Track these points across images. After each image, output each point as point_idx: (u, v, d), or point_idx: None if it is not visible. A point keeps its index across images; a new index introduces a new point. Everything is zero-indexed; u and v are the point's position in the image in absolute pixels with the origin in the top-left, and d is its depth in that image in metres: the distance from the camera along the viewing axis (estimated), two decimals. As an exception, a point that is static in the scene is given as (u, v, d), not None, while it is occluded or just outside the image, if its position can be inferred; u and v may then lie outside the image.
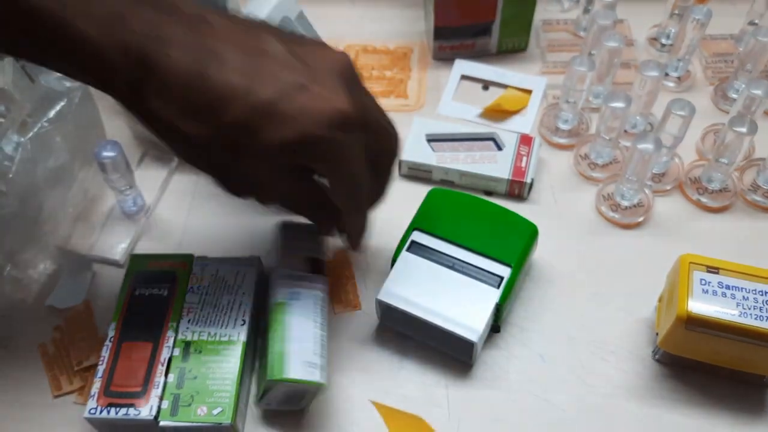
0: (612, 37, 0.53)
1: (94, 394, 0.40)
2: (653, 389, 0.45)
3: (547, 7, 0.68)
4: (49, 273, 0.50)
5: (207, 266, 0.46)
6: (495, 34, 0.61)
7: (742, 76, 0.58)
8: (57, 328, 0.48)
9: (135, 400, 0.40)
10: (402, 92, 0.62)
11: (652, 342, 0.47)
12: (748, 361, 0.43)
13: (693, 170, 0.55)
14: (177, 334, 0.43)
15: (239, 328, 0.43)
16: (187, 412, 0.40)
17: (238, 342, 0.42)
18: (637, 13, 0.66)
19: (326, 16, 0.66)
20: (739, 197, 0.54)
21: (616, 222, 0.53)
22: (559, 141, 0.57)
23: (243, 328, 0.43)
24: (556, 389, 0.45)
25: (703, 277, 0.42)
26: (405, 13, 0.68)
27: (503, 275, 0.45)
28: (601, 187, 0.54)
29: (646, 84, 0.52)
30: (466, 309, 0.44)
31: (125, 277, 0.45)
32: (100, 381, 0.41)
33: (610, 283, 0.50)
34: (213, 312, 0.43)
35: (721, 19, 0.64)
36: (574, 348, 0.47)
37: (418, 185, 0.56)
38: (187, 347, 0.42)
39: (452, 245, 0.46)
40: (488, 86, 0.62)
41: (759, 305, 0.41)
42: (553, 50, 0.64)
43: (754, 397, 0.45)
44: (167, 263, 0.46)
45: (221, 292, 0.44)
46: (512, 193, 0.54)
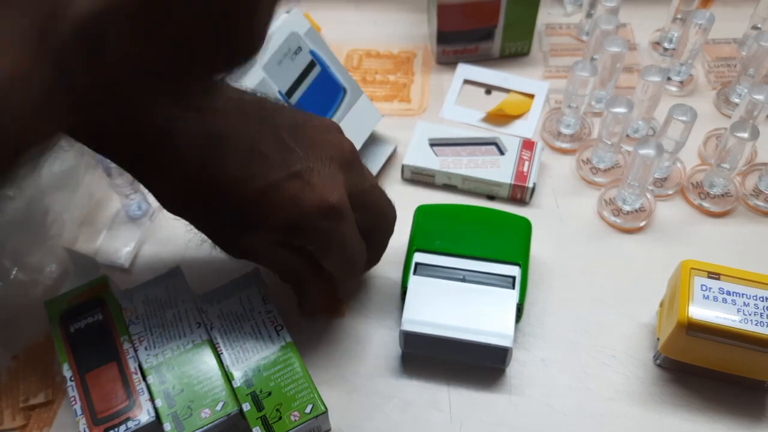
0: (614, 41, 0.54)
1: (84, 430, 0.40)
2: (654, 394, 0.45)
3: (550, 12, 0.68)
4: (55, 276, 0.50)
5: (133, 295, 0.46)
6: (498, 38, 0.62)
7: (744, 80, 0.58)
8: (15, 357, 0.47)
9: (128, 413, 0.40)
10: (405, 96, 0.63)
11: (653, 347, 0.47)
12: (749, 366, 0.43)
13: (695, 175, 0.55)
14: (137, 354, 0.43)
15: (197, 330, 0.44)
16: (192, 422, 0.40)
17: (203, 342, 0.43)
18: (640, 17, 0.66)
19: (330, 21, 0.67)
20: (741, 202, 0.54)
21: (618, 227, 0.53)
22: (561, 145, 0.57)
23: (201, 329, 0.44)
24: (558, 393, 0.45)
25: (704, 283, 0.42)
26: (408, 17, 0.68)
27: (515, 275, 0.46)
28: (603, 191, 0.54)
29: (648, 89, 0.52)
30: (490, 317, 0.44)
31: (51, 323, 0.45)
32: (83, 417, 0.41)
33: (611, 287, 0.50)
34: (164, 330, 0.44)
35: (724, 24, 0.64)
36: (575, 352, 0.47)
37: (421, 189, 0.56)
38: (159, 369, 0.42)
39: (456, 258, 0.47)
40: (491, 90, 0.62)
41: (760, 311, 0.41)
42: (556, 54, 0.64)
43: (755, 402, 0.45)
44: (85, 293, 0.46)
45: (162, 311, 0.45)
46: (514, 197, 0.54)
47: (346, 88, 0.53)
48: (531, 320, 0.48)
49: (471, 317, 0.44)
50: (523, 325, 0.48)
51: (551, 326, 0.48)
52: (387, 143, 0.58)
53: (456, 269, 0.46)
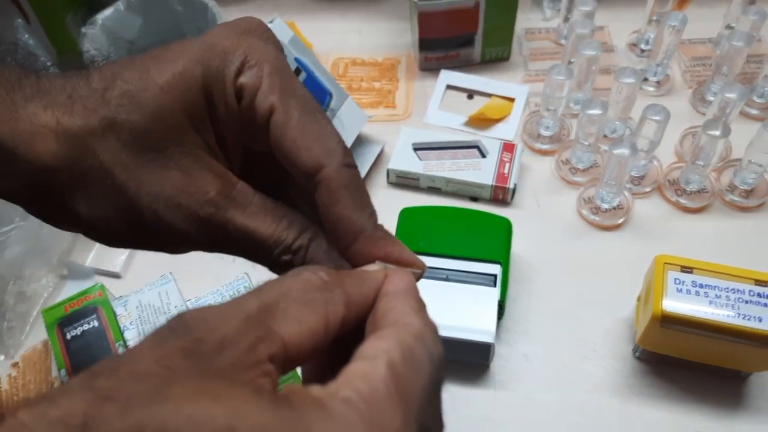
0: (589, 45, 0.55)
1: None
2: (634, 385, 0.47)
3: (529, 16, 0.69)
4: (51, 286, 0.52)
5: (128, 302, 0.47)
6: (478, 44, 0.63)
7: (718, 79, 0.60)
8: (14, 364, 0.49)
9: None
10: (390, 102, 0.64)
11: (632, 340, 0.49)
12: (724, 356, 0.45)
13: (671, 172, 0.57)
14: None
15: None
16: None
17: None
18: (617, 19, 0.68)
19: (316, 31, 0.69)
20: (717, 197, 0.56)
21: (597, 224, 0.54)
22: (541, 147, 0.59)
23: None
24: (541, 388, 0.47)
25: (678, 277, 0.44)
26: (392, 26, 0.70)
27: (496, 273, 0.47)
28: (582, 190, 0.56)
29: (622, 90, 0.54)
30: (472, 314, 0.45)
31: (49, 330, 0.46)
32: None
33: (591, 283, 0.51)
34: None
35: (700, 24, 0.66)
36: (557, 347, 0.49)
37: (406, 193, 0.57)
38: None
39: (439, 258, 0.48)
40: (473, 95, 0.64)
41: (731, 303, 0.42)
42: (535, 58, 0.66)
43: (731, 391, 0.46)
44: (82, 299, 0.47)
45: (156, 316, 0.47)
46: (496, 198, 0.56)
47: (332, 93, 0.55)
48: (513, 317, 0.50)
49: (454, 315, 0.45)
50: (506, 322, 0.50)
51: (533, 322, 0.50)
52: (374, 144, 0.59)
53: (439, 269, 0.48)
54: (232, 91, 0.27)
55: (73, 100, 0.27)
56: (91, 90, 0.27)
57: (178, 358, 0.19)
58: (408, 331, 0.23)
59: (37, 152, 0.26)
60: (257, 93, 0.27)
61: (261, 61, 0.27)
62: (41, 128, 0.26)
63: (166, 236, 0.28)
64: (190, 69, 0.27)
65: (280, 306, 0.22)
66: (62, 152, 0.26)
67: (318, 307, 0.22)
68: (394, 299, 0.25)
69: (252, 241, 0.28)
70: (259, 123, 0.27)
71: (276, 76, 0.27)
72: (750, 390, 0.46)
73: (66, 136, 0.26)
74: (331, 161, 0.26)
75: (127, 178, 0.27)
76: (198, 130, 0.28)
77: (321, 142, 0.26)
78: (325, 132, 0.27)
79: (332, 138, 0.27)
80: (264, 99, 0.27)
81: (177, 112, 0.27)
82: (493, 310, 0.46)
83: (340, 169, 0.26)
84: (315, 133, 0.26)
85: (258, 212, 0.28)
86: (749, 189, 0.55)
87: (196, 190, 0.27)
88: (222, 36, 0.28)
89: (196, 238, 0.28)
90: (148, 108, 0.27)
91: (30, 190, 0.28)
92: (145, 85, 0.27)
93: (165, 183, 0.27)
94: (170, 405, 0.17)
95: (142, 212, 0.27)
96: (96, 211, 0.28)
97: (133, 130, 0.27)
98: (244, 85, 0.27)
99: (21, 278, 0.50)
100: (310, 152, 0.26)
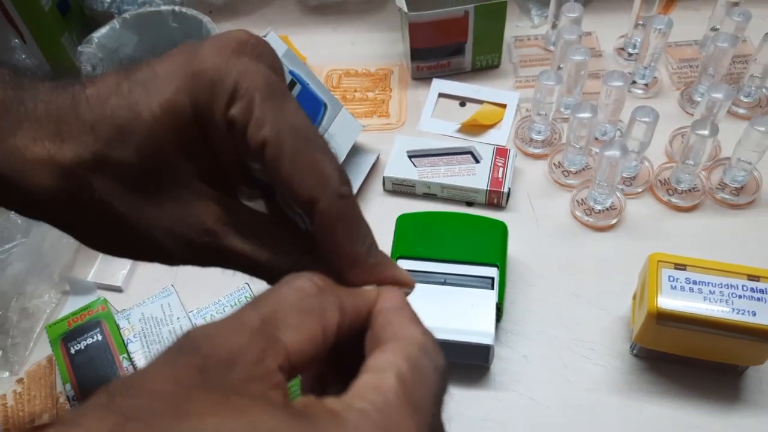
0: (577, 50, 0.56)
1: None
2: (632, 383, 0.47)
3: (518, 24, 0.71)
4: (54, 301, 0.52)
5: (130, 315, 0.48)
6: (468, 53, 0.65)
7: (705, 80, 0.61)
8: (19, 380, 0.49)
9: None
10: (384, 111, 0.65)
11: (629, 338, 0.49)
12: (719, 351, 0.45)
13: (662, 172, 0.58)
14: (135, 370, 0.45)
15: None
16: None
17: None
18: (604, 25, 0.69)
19: (310, 44, 0.70)
20: (708, 196, 0.57)
21: (591, 225, 0.55)
22: (533, 151, 0.60)
23: None
24: (540, 387, 0.48)
25: (671, 274, 0.44)
26: (384, 36, 0.71)
27: (493, 276, 0.48)
28: (575, 192, 0.57)
29: (611, 93, 0.55)
30: (471, 317, 0.46)
31: (53, 345, 0.47)
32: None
33: (587, 283, 0.52)
34: (161, 347, 0.45)
35: (686, 27, 0.67)
36: (555, 347, 0.49)
37: (402, 199, 0.58)
38: None
39: (437, 262, 0.49)
40: (465, 102, 0.65)
41: (725, 298, 0.43)
42: (525, 65, 0.67)
43: (728, 386, 0.47)
44: (85, 314, 0.48)
45: (158, 328, 0.47)
46: (491, 202, 0.57)
47: (327, 104, 0.56)
48: (512, 318, 0.51)
49: (453, 318, 0.46)
50: (505, 324, 0.50)
51: (531, 323, 0.50)
52: (369, 153, 0.60)
53: (437, 273, 0.48)
54: (224, 123, 0.27)
55: (61, 131, 0.26)
56: (79, 121, 0.26)
57: (191, 376, 0.20)
58: (411, 342, 0.23)
59: (33, 184, 0.26)
60: (248, 126, 0.26)
61: (251, 90, 0.26)
62: (35, 162, 0.26)
63: (165, 255, 0.29)
64: (179, 101, 0.26)
65: (279, 315, 0.22)
66: (58, 185, 0.26)
67: (314, 313, 0.23)
68: (391, 314, 0.25)
69: (249, 264, 0.28)
70: (253, 154, 0.26)
71: (267, 106, 0.26)
72: (746, 384, 0.47)
73: (61, 170, 0.26)
74: (324, 194, 0.26)
75: (125, 209, 0.27)
76: (192, 159, 0.27)
77: (314, 174, 0.26)
78: (319, 161, 0.26)
79: (327, 167, 0.26)
80: (255, 132, 0.26)
81: (169, 146, 0.27)
82: (492, 312, 0.46)
83: (335, 201, 0.26)
84: (307, 165, 0.26)
85: (256, 238, 0.28)
86: (739, 187, 0.56)
87: (193, 221, 0.27)
88: (210, 59, 0.27)
89: (194, 260, 0.29)
90: (141, 145, 0.26)
91: (32, 211, 0.28)
92: (135, 119, 0.26)
93: (162, 214, 0.27)
94: (191, 421, 0.18)
95: (142, 237, 0.28)
96: (96, 233, 0.29)
97: (127, 166, 0.26)
98: (234, 118, 0.26)
99: (23, 295, 0.51)
100: (303, 186, 0.26)
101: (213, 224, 0.28)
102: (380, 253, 0.28)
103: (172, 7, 0.62)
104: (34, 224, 0.50)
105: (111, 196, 0.27)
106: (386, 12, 0.74)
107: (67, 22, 0.66)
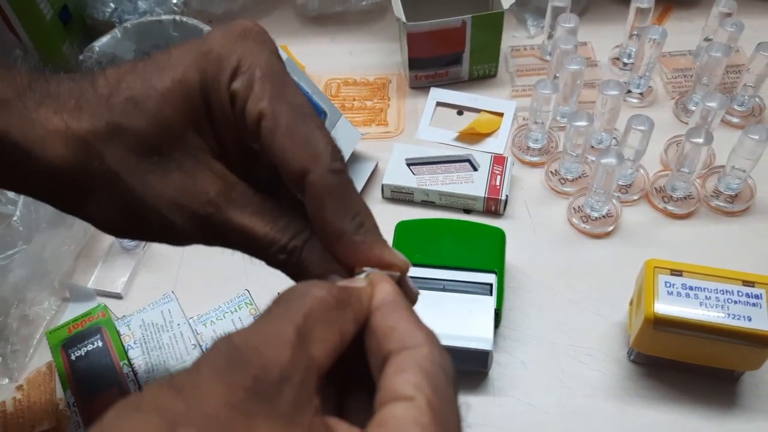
0: (574, 60, 0.57)
1: None
2: (630, 388, 0.48)
3: (514, 34, 0.72)
4: (54, 308, 0.52)
5: (131, 321, 0.48)
6: (466, 62, 0.65)
7: (699, 89, 0.62)
8: (19, 387, 0.49)
9: None
10: (382, 120, 0.66)
11: (626, 343, 0.50)
12: (716, 356, 0.46)
13: (658, 180, 0.58)
14: (137, 377, 0.45)
15: (193, 351, 0.46)
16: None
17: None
18: (600, 35, 0.70)
19: (308, 54, 0.70)
20: (703, 203, 0.57)
21: (588, 232, 0.56)
22: (530, 159, 0.61)
23: (196, 350, 0.46)
24: (538, 393, 0.48)
25: (668, 280, 0.45)
26: (382, 46, 0.72)
27: (492, 282, 0.48)
28: (572, 200, 0.57)
29: (607, 102, 0.56)
30: (470, 323, 0.46)
31: (53, 352, 0.47)
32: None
33: (584, 290, 0.53)
34: (162, 353, 0.46)
35: (680, 37, 0.68)
36: (553, 353, 0.50)
37: (401, 207, 0.59)
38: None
39: (435, 269, 0.49)
40: (462, 111, 0.66)
41: (721, 303, 0.44)
42: (521, 74, 0.68)
43: (725, 391, 0.47)
44: (85, 320, 0.48)
45: (159, 334, 0.47)
46: (489, 209, 0.57)
47: (326, 111, 0.57)
48: (510, 324, 0.51)
49: (452, 324, 0.46)
50: (503, 330, 0.51)
51: (529, 329, 0.51)
52: (368, 160, 0.61)
53: (436, 279, 0.49)
54: (227, 96, 0.28)
55: (80, 105, 0.28)
56: (97, 95, 0.28)
57: (245, 399, 0.20)
58: (424, 356, 0.24)
59: (49, 155, 0.28)
60: (248, 99, 0.27)
61: (253, 66, 0.28)
62: (52, 132, 0.28)
63: (169, 232, 0.30)
64: (188, 76, 0.28)
65: (309, 327, 0.22)
66: (72, 155, 0.28)
67: (336, 326, 0.23)
68: (390, 316, 0.25)
69: (249, 239, 0.29)
70: (251, 128, 0.28)
71: (267, 81, 0.28)
72: (743, 389, 0.47)
73: (75, 140, 0.28)
74: (316, 167, 0.26)
75: (133, 180, 0.28)
76: (199, 133, 0.29)
77: (307, 147, 0.27)
78: (313, 136, 0.27)
79: (320, 142, 0.27)
80: (254, 105, 0.27)
81: (178, 118, 0.28)
82: (490, 318, 0.47)
83: (325, 175, 0.27)
84: (302, 138, 0.27)
85: (256, 213, 0.29)
86: (734, 194, 0.57)
87: (197, 191, 0.28)
88: (217, 40, 0.29)
89: (197, 235, 0.30)
90: (151, 114, 0.28)
91: (47, 188, 0.30)
92: (147, 92, 0.28)
93: (167, 184, 0.28)
94: None
95: (147, 211, 0.29)
96: (104, 209, 0.30)
97: (137, 134, 0.28)
98: (236, 91, 0.28)
99: (24, 302, 0.51)
100: (295, 158, 0.27)
101: (215, 196, 0.29)
102: (372, 233, 0.28)
103: (172, 17, 0.63)
104: (36, 232, 0.50)
105: (119, 165, 0.28)
106: (384, 22, 0.75)
107: (69, 32, 0.67)
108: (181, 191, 0.28)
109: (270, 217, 0.29)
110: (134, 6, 0.66)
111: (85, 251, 0.56)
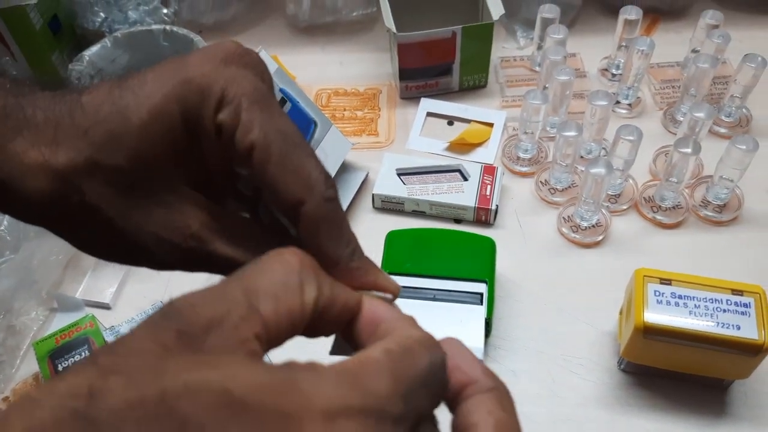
0: (563, 71, 0.58)
1: None
2: (620, 397, 0.48)
3: (504, 45, 0.72)
4: (42, 319, 0.52)
5: (119, 332, 0.48)
6: (456, 73, 0.66)
7: (687, 100, 0.63)
8: (5, 398, 0.49)
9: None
10: (373, 130, 0.66)
11: (616, 353, 0.50)
12: (705, 365, 0.46)
13: (647, 190, 0.59)
14: None
15: None
16: None
17: None
18: (588, 46, 0.70)
19: (299, 64, 0.71)
20: (692, 213, 0.58)
21: (577, 242, 0.56)
22: (520, 169, 0.61)
23: None
24: (529, 402, 0.48)
25: (657, 289, 0.45)
26: (373, 56, 0.72)
27: (482, 291, 0.48)
28: (562, 209, 0.58)
29: (596, 112, 0.56)
30: (460, 332, 0.46)
31: (40, 363, 0.46)
32: None
33: (574, 299, 0.53)
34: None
35: (668, 48, 0.69)
36: (544, 362, 0.50)
37: (392, 217, 0.59)
38: None
39: (426, 278, 0.49)
40: (453, 122, 0.66)
41: (710, 312, 0.44)
42: (511, 85, 0.68)
43: (715, 400, 0.47)
44: (73, 331, 0.48)
45: None
46: (479, 219, 0.58)
47: (317, 122, 0.57)
48: (500, 334, 0.51)
49: (442, 333, 0.46)
50: (493, 339, 0.51)
51: (520, 339, 0.51)
52: (359, 170, 0.61)
53: (426, 289, 0.49)
54: (212, 128, 0.27)
55: (57, 139, 0.27)
56: (74, 126, 0.28)
57: (172, 339, 0.21)
58: (409, 335, 0.24)
59: (29, 189, 0.27)
60: (236, 129, 0.27)
61: (238, 96, 0.27)
62: (31, 167, 0.27)
63: (153, 261, 0.30)
64: (168, 108, 0.27)
65: (260, 286, 0.23)
66: (51, 189, 0.27)
67: (294, 286, 0.23)
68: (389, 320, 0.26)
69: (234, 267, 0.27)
70: (240, 158, 0.27)
71: (255, 110, 0.27)
72: (732, 398, 0.47)
73: (54, 175, 0.27)
74: (311, 197, 0.26)
75: (114, 214, 0.28)
76: (180, 165, 0.28)
77: (300, 177, 0.27)
78: (305, 165, 0.27)
79: (313, 171, 0.27)
80: (243, 136, 0.27)
81: (158, 153, 0.28)
82: (481, 327, 0.47)
83: (319, 205, 0.27)
84: (294, 169, 0.27)
85: (240, 242, 0.29)
86: (722, 204, 0.57)
87: (180, 226, 0.28)
88: (198, 68, 0.28)
89: (181, 265, 0.30)
90: (130, 149, 0.27)
91: (29, 216, 0.29)
92: (125, 125, 0.27)
93: (149, 219, 0.28)
94: (168, 375, 0.19)
95: (130, 242, 0.28)
96: (86, 237, 0.29)
97: (117, 171, 0.27)
98: (223, 122, 0.27)
99: (10, 312, 0.50)
100: (289, 189, 0.26)
101: (198, 229, 0.28)
102: (365, 258, 0.28)
103: (162, 26, 0.63)
104: (24, 241, 0.50)
105: (100, 201, 0.28)
106: (375, 33, 0.75)
107: (58, 41, 0.67)
108: (163, 226, 0.28)
109: (254, 244, 0.29)
110: (124, 16, 0.66)
111: (73, 261, 0.55)
